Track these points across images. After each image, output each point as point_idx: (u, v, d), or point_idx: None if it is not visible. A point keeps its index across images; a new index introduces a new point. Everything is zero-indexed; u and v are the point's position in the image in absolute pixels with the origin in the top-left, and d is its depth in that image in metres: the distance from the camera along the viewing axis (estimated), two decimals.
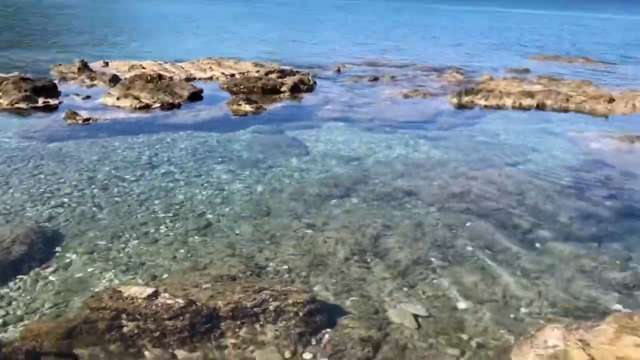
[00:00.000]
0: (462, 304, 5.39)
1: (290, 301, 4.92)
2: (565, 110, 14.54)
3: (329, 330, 4.90)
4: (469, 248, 6.54)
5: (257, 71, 17.75)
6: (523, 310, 5.33)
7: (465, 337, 4.90)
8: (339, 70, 20.04)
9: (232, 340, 4.62)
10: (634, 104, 14.89)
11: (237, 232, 6.77)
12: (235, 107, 13.36)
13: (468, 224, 7.20)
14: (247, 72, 17.79)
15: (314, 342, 4.71)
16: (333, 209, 7.57)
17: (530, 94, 14.88)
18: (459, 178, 8.85)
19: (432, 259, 6.25)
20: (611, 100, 14.96)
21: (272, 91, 15.33)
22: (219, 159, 9.58)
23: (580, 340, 4.20)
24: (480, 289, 5.66)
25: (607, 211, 7.66)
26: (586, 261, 6.24)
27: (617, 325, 4.43)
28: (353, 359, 4.53)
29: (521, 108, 14.59)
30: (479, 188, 8.37)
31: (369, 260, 6.23)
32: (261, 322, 4.76)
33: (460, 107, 14.59)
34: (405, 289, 5.68)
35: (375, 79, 18.32)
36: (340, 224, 7.07)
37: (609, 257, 6.34)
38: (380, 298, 5.47)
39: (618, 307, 5.33)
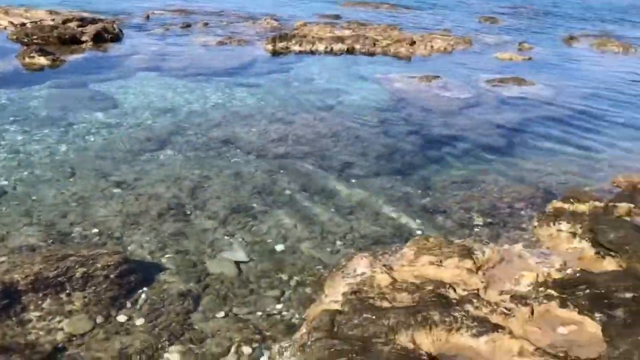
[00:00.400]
0: (281, 246, 5.49)
1: (99, 265, 4.58)
2: (373, 54, 15.35)
3: (145, 289, 4.67)
4: (288, 192, 6.64)
5: (53, 19, 15.88)
6: (338, 243, 5.59)
7: (285, 277, 5.01)
8: (147, 18, 18.79)
9: (36, 314, 4.19)
10: (431, 45, 16.21)
11: (35, 197, 6.08)
12: (27, 60, 11.86)
13: (286, 168, 7.31)
14: (41, 20, 15.83)
15: (129, 304, 4.45)
16: (146, 164, 7.17)
17: (341, 39, 15.41)
18: (276, 124, 8.91)
19: (253, 205, 6.24)
20: (412, 43, 16.11)
21: (71, 41, 13.88)
22: (12, 119, 8.48)
23: (385, 265, 4.51)
24: (299, 229, 5.81)
25: (409, 145, 8.30)
26: (392, 192, 6.71)
27: (415, 248, 4.85)
28: (172, 314, 4.38)
29: (333, 53, 15.07)
30: (295, 133, 8.50)
31: (187, 213, 6.03)
32: (67, 291, 4.36)
33: (276, 53, 14.62)
34: (226, 237, 5.61)
35: (188, 26, 17.53)
36: (155, 179, 6.72)
37: (412, 187, 6.89)
38: (200, 250, 5.35)
39: (419, 231, 5.83)
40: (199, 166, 7.18)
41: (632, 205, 5.21)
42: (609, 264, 4.70)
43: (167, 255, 5.24)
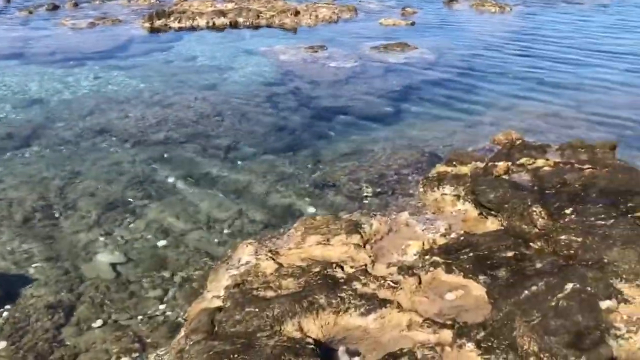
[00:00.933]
0: (163, 242, 5.12)
1: None
2: (257, 27, 14.92)
3: (7, 307, 4.17)
4: (170, 180, 6.24)
5: None
6: (226, 232, 5.31)
7: (168, 274, 4.68)
8: (8, 1, 17.07)
9: None
10: (316, 15, 16.01)
11: None
12: None
13: (166, 154, 6.87)
14: None
15: None
16: (7, 165, 6.46)
17: (223, 13, 14.82)
18: (155, 107, 8.37)
19: (130, 200, 5.80)
20: (297, 13, 15.82)
21: None
22: None
23: (271, 251, 4.31)
24: (183, 220, 5.46)
25: (297, 120, 8.10)
26: (282, 170, 6.50)
27: (303, 228, 4.68)
28: (39, 332, 3.94)
29: (215, 27, 14.47)
30: (176, 115, 8.03)
31: (56, 215, 5.49)
32: None
33: (154, 31, 13.81)
34: (102, 238, 5.16)
35: (55, 7, 16.13)
36: (18, 181, 6.08)
37: (301, 163, 6.71)
38: (72, 255, 4.88)
39: (311, 210, 5.67)
40: (70, 161, 6.57)
41: (509, 163, 5.33)
42: (492, 224, 4.78)
43: (34, 265, 4.74)
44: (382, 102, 9.02)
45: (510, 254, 4.11)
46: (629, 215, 4.36)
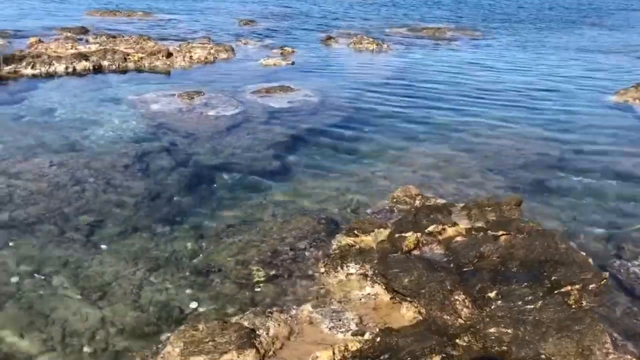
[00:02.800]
0: None
1: None
2: (125, 71, 13.66)
3: None
4: (13, 279, 5.01)
5: None
6: (86, 350, 4.22)
7: None
8: None
9: None
10: (190, 56, 15.08)
11: None
12: None
13: (11, 243, 5.59)
14: None
15: None
16: None
17: (85, 56, 13.41)
18: None
19: None
20: (169, 54, 14.80)
21: None
22: None
23: None
24: (29, 339, 4.29)
25: (174, 184, 7.13)
26: (156, 255, 5.50)
27: (182, 344, 3.77)
28: None
29: (76, 73, 12.99)
30: (25, 187, 6.71)
31: None
32: None
33: (1, 79, 12.07)
34: None
35: None
36: None
37: (180, 242, 5.75)
38: None
39: (193, 305, 4.74)
40: None
41: (418, 234, 4.79)
42: (407, 311, 4.17)
43: None
44: (267, 155, 8.29)
45: (436, 359, 3.48)
46: (556, 292, 3.96)
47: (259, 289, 4.93)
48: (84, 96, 11.11)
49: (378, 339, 3.76)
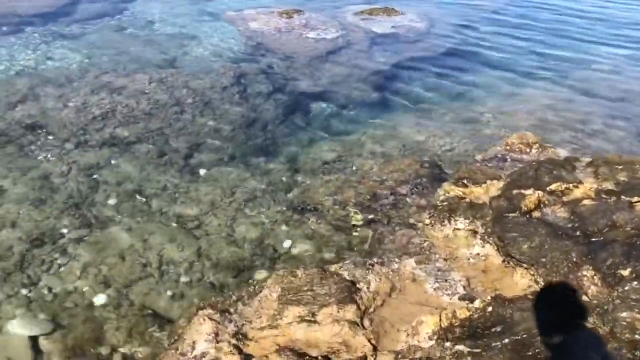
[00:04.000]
0: (101, 297, 3.99)
1: None
2: None
3: None
4: (112, 201, 5.03)
5: None
6: (182, 280, 4.19)
7: (105, 350, 3.58)
8: None
9: None
10: None
11: None
12: None
13: (113, 161, 5.63)
14: None
15: None
16: None
17: None
18: (101, 93, 7.02)
19: (63, 231, 4.60)
20: None
21: None
22: None
23: (236, 333, 3.23)
24: (128, 262, 4.31)
25: (271, 110, 6.91)
26: (252, 185, 5.35)
27: (279, 289, 3.61)
28: None
29: None
30: (126, 104, 6.72)
31: None
32: None
33: None
34: (24, 291, 4.00)
35: None
36: None
37: (275, 175, 5.57)
38: None
39: (287, 244, 4.58)
40: None
41: (540, 193, 4.28)
42: (522, 279, 3.77)
43: None
44: (367, 85, 7.83)
45: (557, 339, 3.11)
46: None
47: (356, 233, 4.68)
48: (184, 9, 10.95)
49: (490, 309, 3.42)
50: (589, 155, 5.66)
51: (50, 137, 6.01)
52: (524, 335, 3.17)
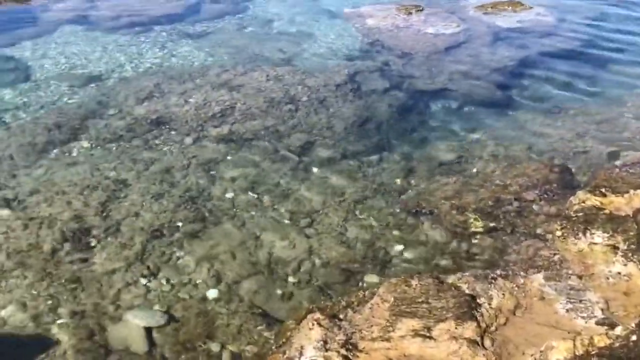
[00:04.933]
0: (213, 292, 4.03)
1: None
2: None
3: None
4: (229, 195, 5.10)
5: None
6: (291, 280, 4.13)
7: (215, 348, 3.58)
8: None
9: None
10: None
11: None
12: None
13: (229, 156, 5.73)
14: None
15: None
16: (50, 166, 5.56)
17: None
18: (221, 90, 7.19)
19: (179, 224, 4.72)
20: None
21: None
22: None
23: (346, 342, 3.06)
24: (240, 258, 4.33)
25: (385, 109, 6.68)
26: (364, 185, 5.20)
27: (391, 298, 3.39)
28: None
29: None
30: (244, 102, 6.82)
31: (92, 244, 4.51)
32: None
33: None
34: (143, 280, 4.14)
35: None
36: (55, 190, 5.14)
37: (388, 175, 5.39)
38: (102, 308, 3.89)
39: (399, 248, 4.37)
40: (117, 165, 5.58)
41: None
42: None
43: (58, 322, 3.79)
44: (489, 83, 7.37)
45: None
46: None
47: (475, 241, 4.37)
48: (302, 7, 11.03)
49: (634, 337, 2.98)
50: None
51: (173, 133, 6.24)
52: None
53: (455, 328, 3.11)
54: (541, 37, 8.91)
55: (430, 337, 3.08)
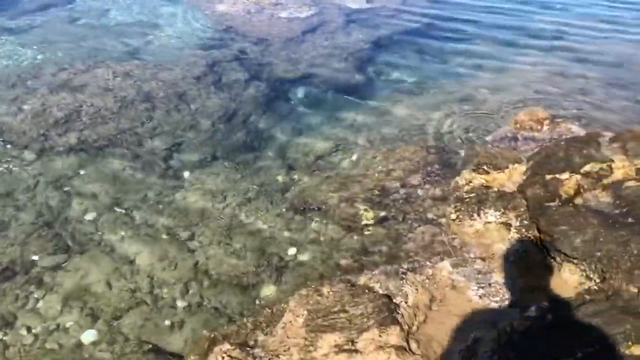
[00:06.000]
0: (90, 333, 3.40)
1: None
2: None
3: None
4: (90, 215, 4.40)
5: None
6: (180, 305, 3.63)
7: None
8: None
9: None
10: None
11: None
12: None
13: (82, 170, 4.96)
14: None
15: None
16: None
17: None
18: (61, 92, 6.24)
19: (35, 258, 3.97)
20: None
21: None
22: None
23: None
24: (116, 289, 3.72)
25: (250, 100, 6.29)
26: (244, 187, 4.80)
27: (304, 313, 3.08)
28: None
29: None
30: (91, 103, 5.98)
31: None
32: None
33: None
34: None
35: None
36: None
37: (268, 173, 5.04)
38: None
39: (292, 251, 4.06)
40: None
41: (577, 177, 3.85)
42: (572, 276, 3.35)
43: None
44: (349, 66, 7.29)
45: (638, 351, 2.70)
46: None
47: (369, 233, 4.19)
48: None
49: (549, 316, 2.99)
50: (599, 127, 5.34)
51: (9, 147, 5.28)
52: (597, 348, 2.75)
53: (380, 336, 2.89)
54: (391, 16, 9.05)
55: (356, 351, 2.82)
